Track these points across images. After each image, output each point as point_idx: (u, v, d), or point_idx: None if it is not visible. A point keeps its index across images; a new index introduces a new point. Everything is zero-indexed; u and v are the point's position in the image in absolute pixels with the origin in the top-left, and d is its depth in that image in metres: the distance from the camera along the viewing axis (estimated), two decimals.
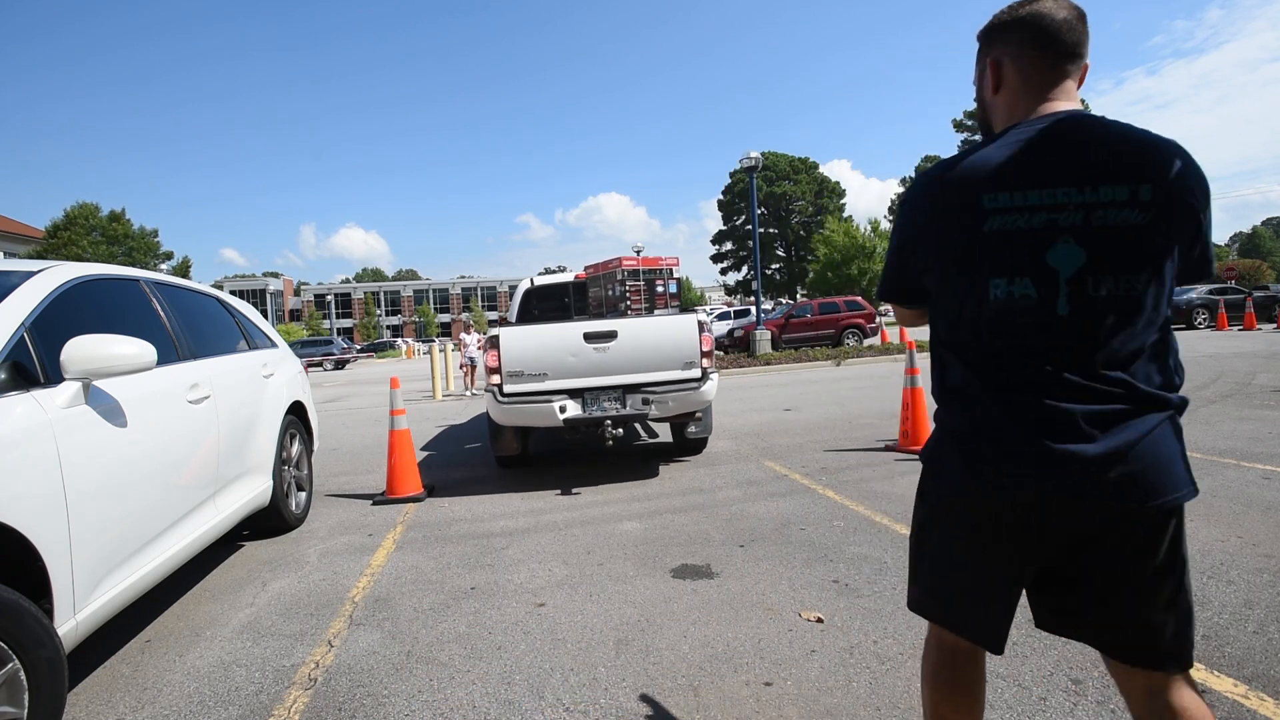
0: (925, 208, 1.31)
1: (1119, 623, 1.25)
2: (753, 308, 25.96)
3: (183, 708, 2.42)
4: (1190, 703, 1.22)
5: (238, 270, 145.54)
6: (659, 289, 6.26)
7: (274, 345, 4.94)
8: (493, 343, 5.18)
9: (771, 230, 63.89)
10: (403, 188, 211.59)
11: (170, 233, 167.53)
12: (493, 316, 65.87)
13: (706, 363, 5.33)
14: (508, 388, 5.15)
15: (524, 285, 7.30)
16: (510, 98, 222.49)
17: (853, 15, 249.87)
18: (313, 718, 2.30)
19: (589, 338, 5.19)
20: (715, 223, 77.41)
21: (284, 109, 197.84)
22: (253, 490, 3.95)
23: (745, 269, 63.85)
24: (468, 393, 14.36)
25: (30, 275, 2.61)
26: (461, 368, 15.30)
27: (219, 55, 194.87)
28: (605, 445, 5.29)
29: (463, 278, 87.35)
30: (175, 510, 2.99)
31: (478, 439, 8.08)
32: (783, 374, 14.59)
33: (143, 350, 2.52)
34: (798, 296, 57.34)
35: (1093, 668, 2.29)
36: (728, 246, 66.70)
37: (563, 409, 5.12)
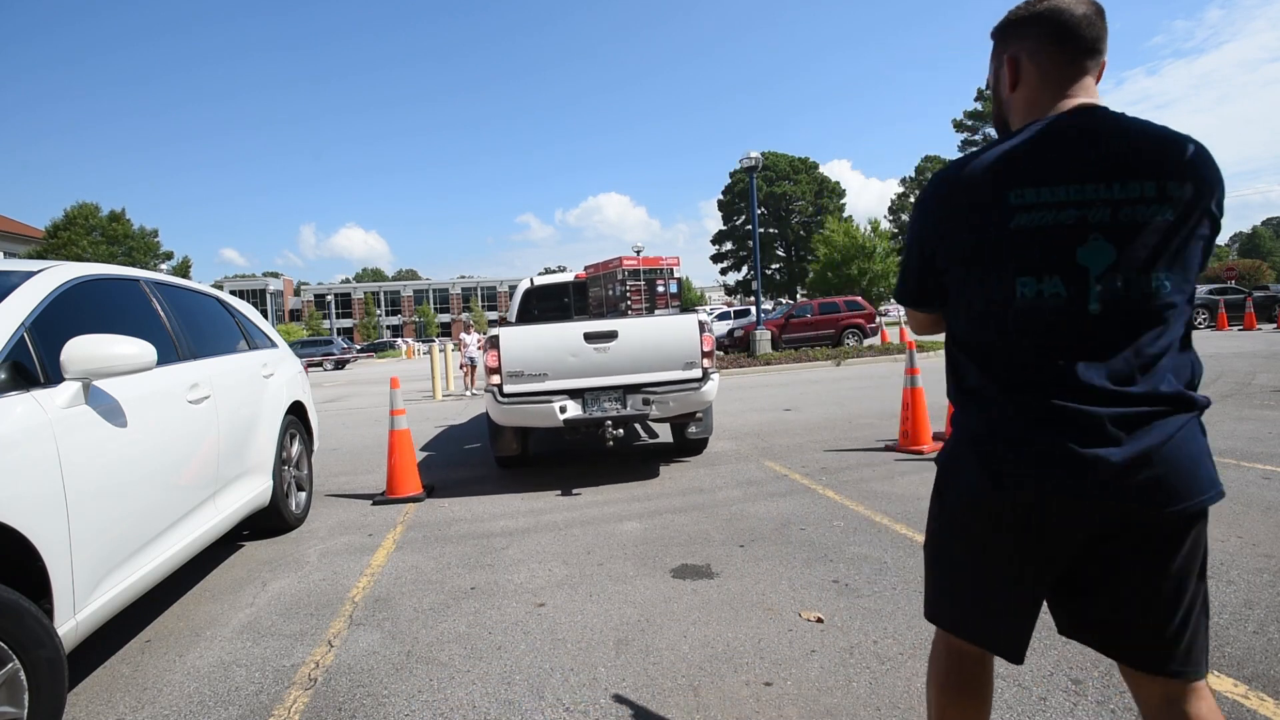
0: (946, 205, 1.26)
1: (1136, 628, 1.21)
2: (753, 308, 25.97)
3: (183, 708, 2.42)
4: (1208, 712, 1.19)
5: (238, 270, 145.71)
6: (659, 289, 6.25)
7: (274, 345, 4.94)
8: (493, 343, 5.16)
9: (771, 230, 63.89)
10: (403, 188, 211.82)
11: (170, 233, 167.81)
12: (493, 316, 65.87)
13: (707, 363, 5.32)
14: (508, 388, 5.13)
15: (524, 285, 7.28)
16: (510, 98, 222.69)
17: (853, 15, 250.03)
18: (313, 718, 2.30)
19: (589, 338, 5.17)
20: (715, 223, 77.50)
21: (284, 109, 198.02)
22: (253, 490, 3.95)
23: (745, 269, 63.84)
24: (468, 393, 14.36)
25: (30, 275, 2.61)
26: (461, 368, 15.30)
27: (219, 55, 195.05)
28: (606, 446, 5.28)
29: (463, 278, 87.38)
30: (175, 510, 2.99)
31: (477, 439, 8.08)
32: (783, 374, 14.59)
33: (143, 350, 2.52)
34: (798, 296, 57.32)
35: (1092, 668, 2.29)
36: (728, 246, 66.69)
37: (563, 409, 5.10)
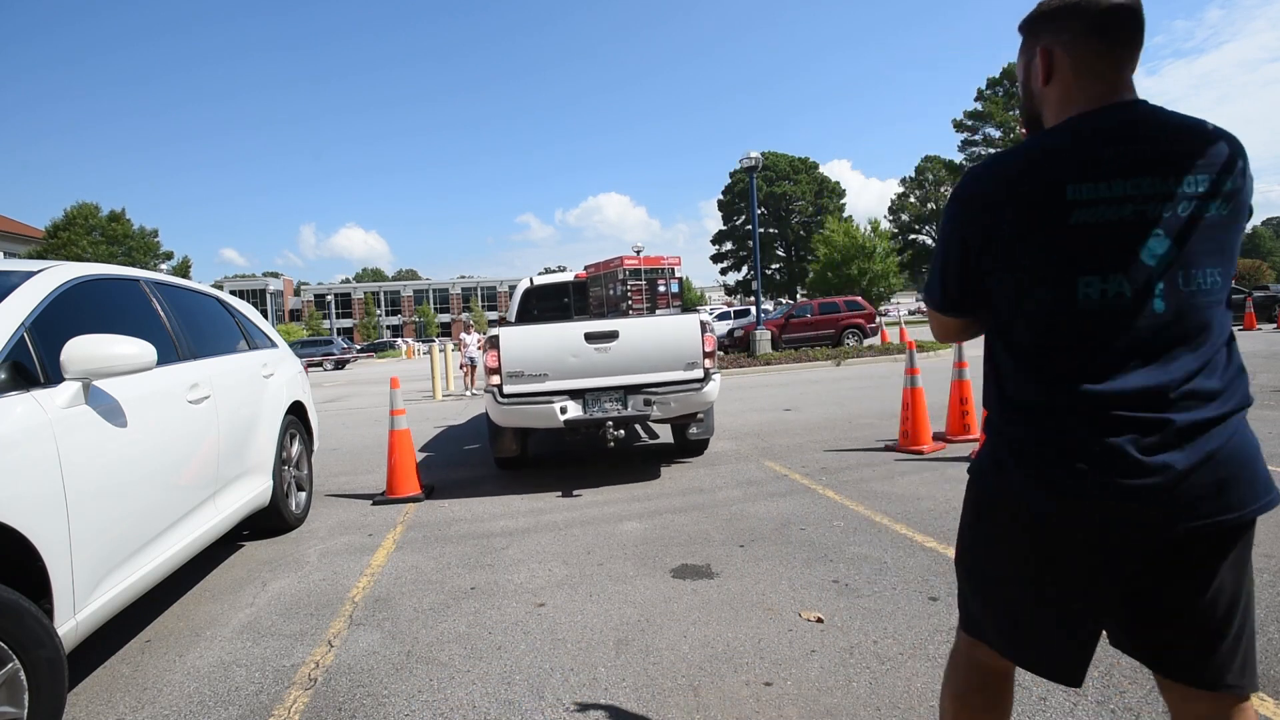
0: (997, 200, 1.17)
1: (1191, 641, 1.16)
2: (753, 308, 25.97)
3: (183, 708, 2.42)
4: None
5: (238, 270, 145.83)
6: (660, 289, 6.23)
7: (274, 345, 4.94)
8: (492, 343, 5.13)
9: (771, 230, 63.89)
10: (403, 188, 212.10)
11: (170, 233, 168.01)
12: (493, 316, 65.86)
13: (709, 363, 5.30)
14: (508, 388, 5.11)
15: (523, 285, 7.25)
16: (510, 98, 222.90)
17: (853, 15, 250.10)
18: (313, 718, 2.30)
19: (590, 338, 5.16)
20: (715, 223, 77.51)
21: (284, 109, 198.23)
22: (253, 490, 3.95)
23: (745, 269, 63.87)
24: (468, 393, 14.36)
25: (30, 275, 2.61)
26: (461, 368, 15.30)
27: (219, 55, 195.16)
28: (607, 447, 5.27)
29: (463, 278, 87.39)
30: (175, 510, 2.99)
31: (477, 439, 8.08)
32: (783, 374, 14.59)
33: (143, 350, 2.52)
34: (798, 296, 57.32)
35: (1092, 668, 2.28)
36: (728, 246, 66.71)
37: (563, 410, 5.08)
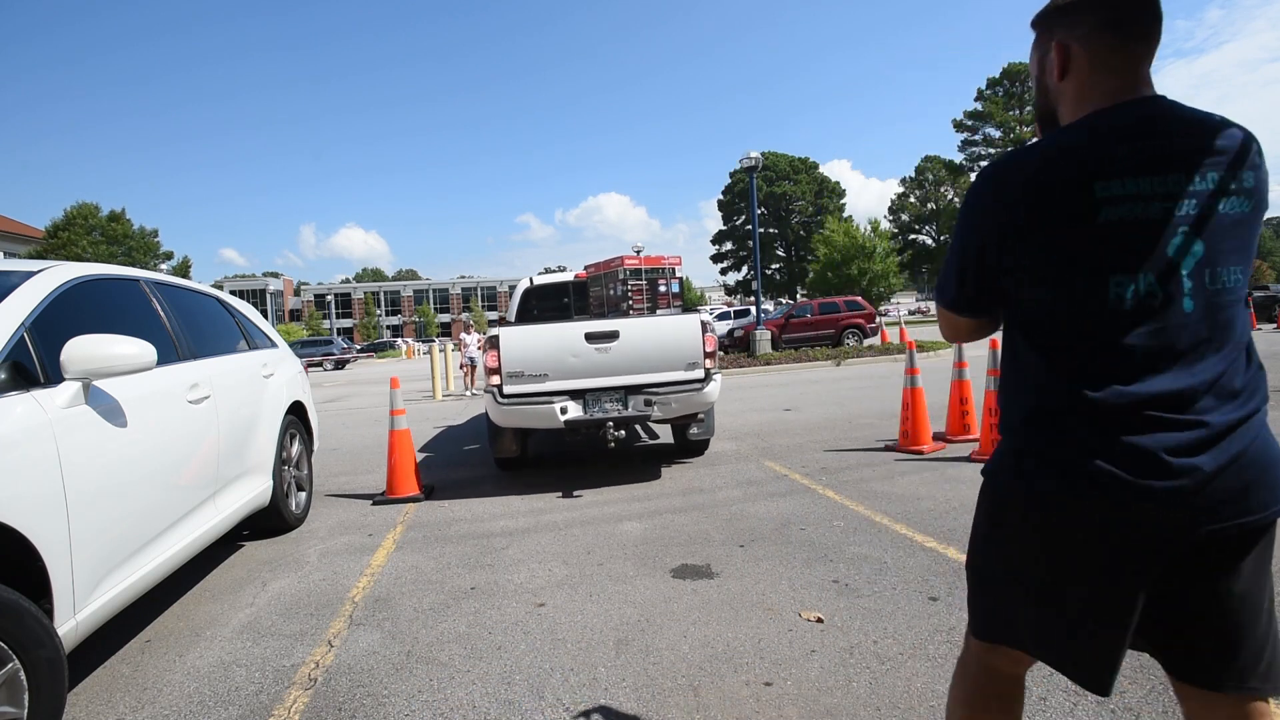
0: (1020, 197, 1.13)
1: (1208, 644, 1.14)
2: (753, 308, 25.97)
3: (183, 708, 2.42)
4: None
5: (238, 270, 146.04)
6: (661, 288, 6.22)
7: (274, 345, 4.94)
8: (492, 343, 5.11)
9: (771, 230, 63.89)
10: (403, 188, 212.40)
11: (170, 233, 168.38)
12: (493, 316, 65.86)
13: (710, 363, 5.29)
14: (508, 389, 5.10)
15: (523, 284, 7.24)
16: (510, 98, 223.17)
17: (853, 15, 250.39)
18: (313, 718, 2.30)
19: (590, 338, 5.14)
20: (715, 223, 77.51)
21: (284, 109, 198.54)
22: (253, 490, 3.95)
23: (745, 269, 63.87)
24: (468, 393, 14.36)
25: (30, 275, 2.61)
26: (461, 368, 15.30)
27: (219, 55, 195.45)
28: (607, 447, 5.26)
29: (463, 278, 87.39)
30: (175, 510, 2.99)
31: (477, 439, 8.08)
32: (783, 374, 14.59)
33: (143, 350, 2.52)
34: (798, 296, 57.31)
35: None
36: (728, 246, 66.72)
37: (564, 410, 5.07)
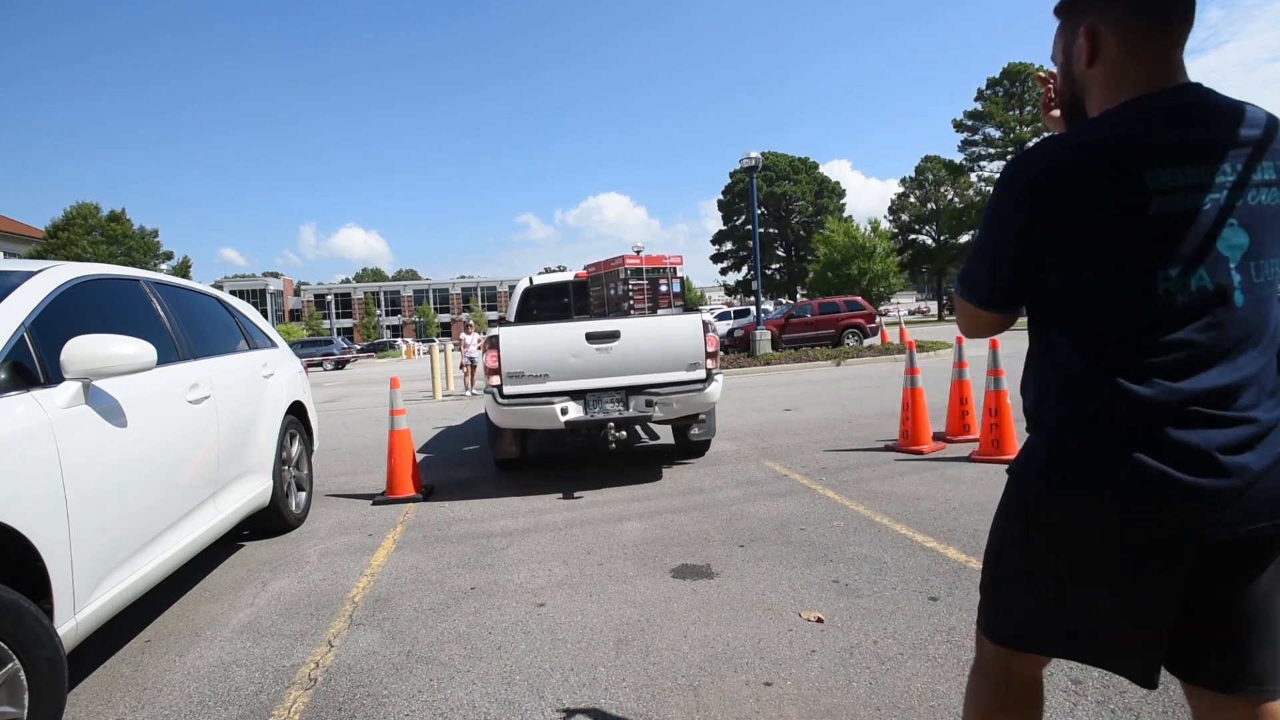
0: (1064, 186, 1.08)
1: (1228, 644, 1.12)
2: (753, 308, 25.97)
3: (183, 708, 2.42)
4: None
5: (238, 270, 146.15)
6: (662, 288, 6.21)
7: (274, 345, 4.94)
8: (492, 343, 5.09)
9: (771, 230, 63.89)
10: (403, 188, 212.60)
11: (170, 233, 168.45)
12: (493, 316, 65.80)
13: (711, 364, 5.27)
14: (508, 389, 5.08)
15: (522, 284, 7.23)
16: (510, 98, 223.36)
17: (853, 15, 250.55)
18: (313, 718, 2.30)
19: (591, 338, 5.13)
20: (715, 223, 77.53)
21: (284, 109, 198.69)
22: (253, 490, 3.95)
23: (745, 269, 63.88)
24: (468, 393, 14.36)
25: (30, 275, 2.61)
26: (461, 368, 15.30)
27: (219, 55, 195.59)
28: (608, 448, 5.25)
29: (463, 278, 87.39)
30: (175, 510, 2.99)
31: (477, 440, 8.08)
32: (783, 374, 14.59)
33: (143, 350, 2.52)
34: (798, 296, 57.32)
35: (1092, 668, 2.29)
36: (728, 246, 66.73)
37: (564, 411, 5.05)
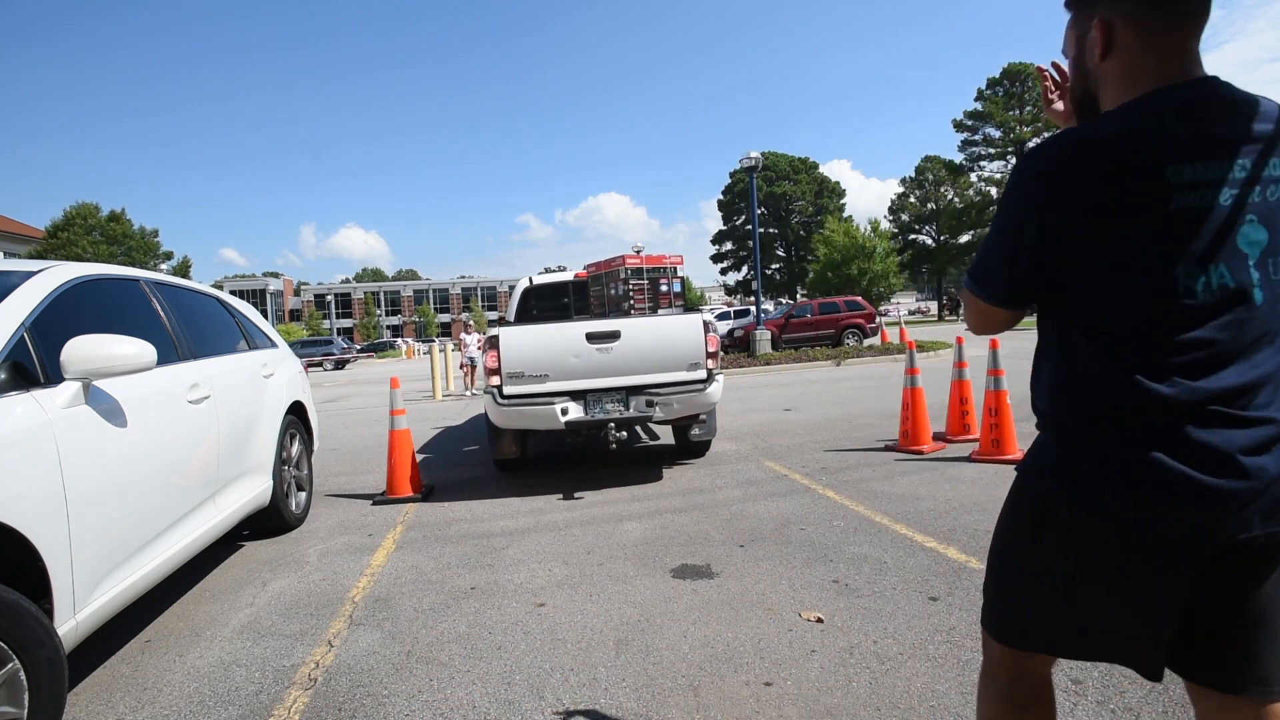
0: (1086, 179, 1.06)
1: (1233, 645, 1.10)
2: (752, 308, 25.96)
3: (183, 708, 2.42)
4: None
5: (238, 270, 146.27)
6: (663, 288, 6.20)
7: (274, 345, 4.94)
8: (492, 343, 5.08)
9: (771, 230, 63.89)
10: (403, 188, 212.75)
11: (170, 233, 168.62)
12: (493, 316, 65.65)
13: (712, 364, 5.26)
14: (508, 389, 5.07)
15: (522, 284, 7.22)
16: (510, 98, 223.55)
17: (853, 15, 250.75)
18: (313, 718, 2.30)
19: (591, 338, 5.12)
20: (715, 223, 77.55)
21: (284, 109, 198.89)
22: (253, 490, 3.95)
23: (745, 269, 63.87)
24: (468, 393, 14.36)
25: (30, 275, 2.61)
26: (461, 368, 15.30)
27: (219, 55, 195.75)
28: (609, 448, 5.25)
29: (463, 278, 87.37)
30: (175, 510, 2.99)
31: (477, 440, 8.08)
32: (783, 374, 14.59)
33: (143, 350, 2.52)
34: (798, 296, 57.31)
35: (1092, 667, 2.29)
36: (728, 246, 66.72)
37: (564, 411, 5.04)
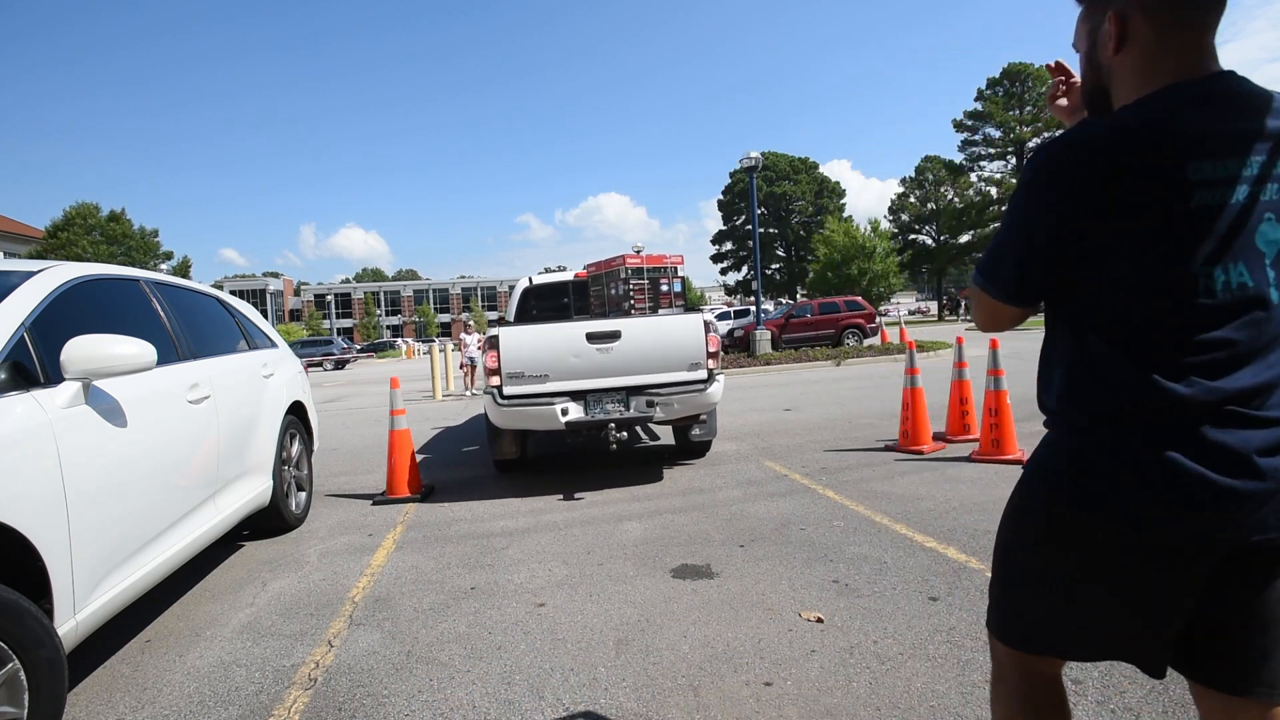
0: (1104, 175, 1.03)
1: (1241, 647, 1.09)
2: (752, 308, 25.96)
3: (183, 708, 2.42)
4: None
5: (238, 270, 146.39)
6: (663, 288, 6.19)
7: (274, 345, 4.94)
8: (492, 343, 5.07)
9: (771, 230, 63.89)
10: (403, 188, 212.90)
11: (170, 233, 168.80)
12: (493, 316, 65.62)
13: (713, 364, 5.25)
14: (508, 389, 5.06)
15: (522, 284, 7.22)
16: (510, 98, 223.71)
17: (853, 15, 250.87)
18: (313, 718, 2.30)
19: (592, 338, 5.11)
20: (715, 223, 77.57)
21: (284, 109, 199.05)
22: (253, 490, 3.95)
23: (745, 269, 63.87)
24: (468, 393, 14.36)
25: (30, 275, 2.61)
26: (461, 368, 15.30)
27: (219, 55, 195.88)
28: (609, 449, 5.24)
29: (463, 278, 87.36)
30: (175, 510, 2.99)
31: (476, 440, 8.08)
32: (783, 374, 14.59)
33: (143, 350, 2.52)
34: (798, 296, 57.30)
35: (1092, 667, 2.29)
36: (728, 246, 66.72)
37: (565, 411, 5.03)
